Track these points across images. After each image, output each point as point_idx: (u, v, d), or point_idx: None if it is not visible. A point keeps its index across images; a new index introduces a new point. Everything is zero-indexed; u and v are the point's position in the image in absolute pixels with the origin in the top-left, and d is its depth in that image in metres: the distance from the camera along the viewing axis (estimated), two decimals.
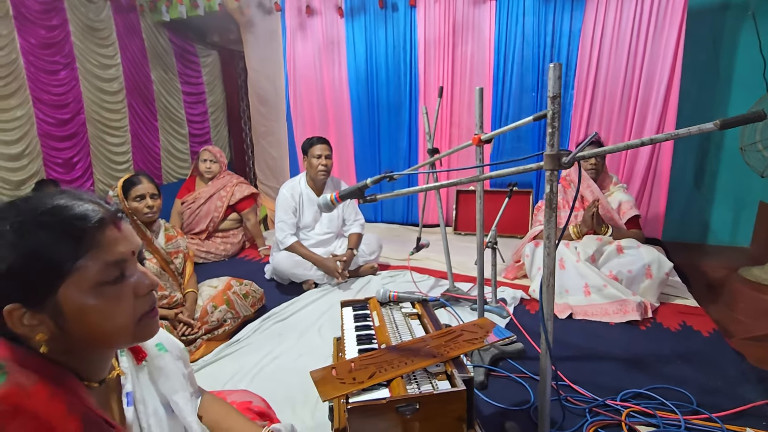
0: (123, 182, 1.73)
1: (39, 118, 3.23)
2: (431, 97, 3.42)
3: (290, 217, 2.46)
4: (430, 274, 2.58)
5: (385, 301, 1.55)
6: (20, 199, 0.59)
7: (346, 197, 1.14)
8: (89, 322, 0.57)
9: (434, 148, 2.07)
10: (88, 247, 0.56)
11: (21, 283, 0.54)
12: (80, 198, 0.60)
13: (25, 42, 3.07)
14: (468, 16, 3.18)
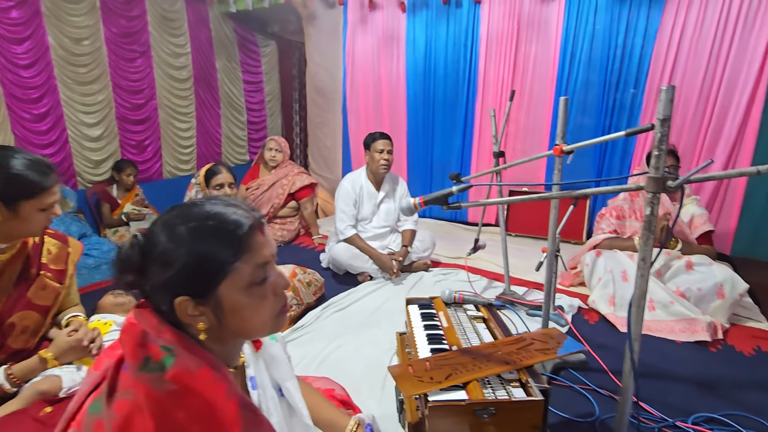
0: (205, 171, 1.85)
1: (117, 102, 3.48)
2: (489, 96, 3.37)
3: (350, 209, 2.53)
4: (484, 275, 2.58)
5: (450, 302, 1.59)
6: (186, 205, 0.66)
7: (431, 203, 1.16)
8: (242, 317, 0.64)
9: (500, 151, 2.06)
10: (243, 251, 0.63)
11: (191, 279, 0.61)
12: (232, 205, 0.67)
13: (108, 31, 3.30)
14: (534, 13, 3.09)
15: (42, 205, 1.08)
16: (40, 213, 1.09)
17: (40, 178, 1.07)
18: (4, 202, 1.04)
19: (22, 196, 1.05)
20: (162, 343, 0.61)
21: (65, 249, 1.31)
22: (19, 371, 1.10)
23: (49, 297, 1.23)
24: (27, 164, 1.06)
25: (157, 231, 0.63)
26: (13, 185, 1.04)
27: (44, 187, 1.07)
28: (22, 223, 1.08)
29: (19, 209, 1.05)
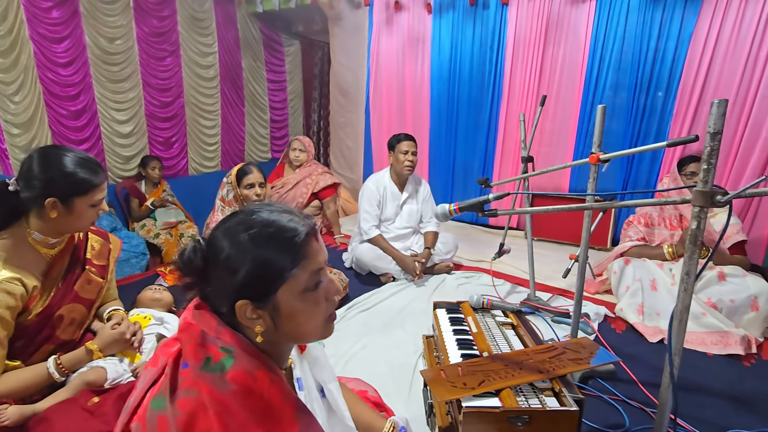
0: (237, 171, 1.89)
1: (146, 100, 3.57)
2: (515, 99, 3.35)
3: (374, 209, 2.55)
4: (507, 279, 2.57)
5: (478, 307, 1.59)
6: (245, 212, 0.68)
7: (466, 210, 1.17)
8: (297, 321, 0.66)
9: (529, 156, 2.04)
10: (301, 258, 0.65)
11: (253, 284, 0.63)
12: (287, 212, 0.69)
13: (140, 31, 3.38)
14: (563, 15, 3.05)
15: (93, 202, 1.13)
16: (91, 209, 1.14)
17: (91, 176, 1.11)
18: (60, 199, 1.08)
19: (75, 193, 1.09)
20: (221, 344, 0.64)
21: (107, 245, 1.36)
22: (68, 361, 1.15)
23: (94, 291, 1.28)
24: (79, 162, 1.10)
25: (220, 238, 0.65)
26: (68, 183, 1.09)
27: (95, 184, 1.12)
28: (75, 219, 1.12)
29: (74, 206, 1.10)
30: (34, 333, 1.14)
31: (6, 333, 1.05)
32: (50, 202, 1.08)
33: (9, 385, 1.05)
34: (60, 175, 1.08)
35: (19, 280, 1.07)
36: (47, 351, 1.17)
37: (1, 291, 1.02)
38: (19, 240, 1.11)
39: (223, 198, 1.90)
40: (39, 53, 2.86)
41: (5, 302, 1.03)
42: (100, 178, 1.13)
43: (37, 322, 1.13)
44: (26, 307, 1.10)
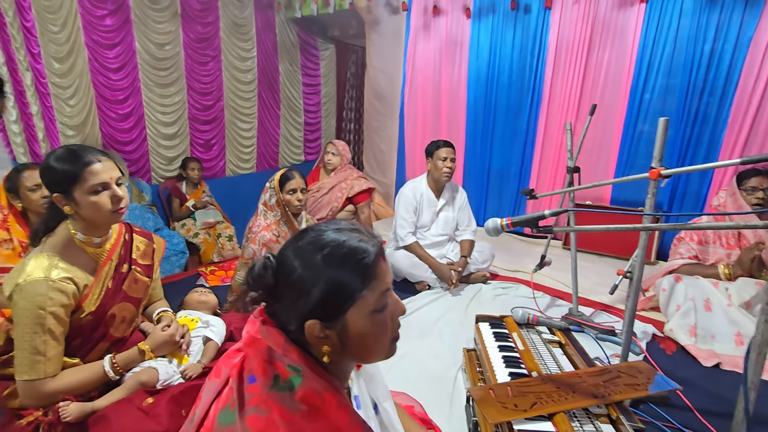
0: (280, 176, 1.91)
1: (190, 103, 3.69)
2: (555, 105, 3.25)
3: (411, 216, 2.53)
4: (546, 291, 2.49)
5: (522, 323, 1.54)
6: (314, 231, 0.68)
7: (520, 225, 1.13)
8: (364, 342, 0.65)
9: (576, 166, 1.97)
10: (371, 279, 0.64)
11: (323, 305, 0.63)
12: (356, 230, 0.68)
13: (186, 37, 3.51)
14: (610, 19, 2.94)
15: (88, 189, 1.09)
16: (93, 196, 1.10)
17: (69, 165, 1.08)
18: (62, 193, 1.10)
19: (65, 184, 1.09)
20: (289, 362, 0.64)
21: (151, 245, 1.40)
22: (122, 361, 1.19)
23: (141, 290, 1.32)
24: (57, 156, 1.10)
25: (291, 257, 0.65)
26: (54, 178, 1.09)
27: (75, 172, 1.08)
28: (87, 210, 1.11)
29: (75, 197, 1.10)
30: (90, 331, 1.18)
31: (62, 330, 1.09)
32: (57, 198, 1.10)
33: (69, 381, 1.09)
34: (46, 172, 1.10)
35: (70, 279, 1.11)
36: (102, 349, 1.22)
37: (55, 290, 1.06)
38: (69, 241, 1.15)
39: (265, 202, 1.93)
40: (93, 59, 3.00)
41: (59, 300, 1.07)
42: (78, 165, 1.08)
43: (92, 320, 1.17)
44: (79, 306, 1.14)
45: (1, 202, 1.75)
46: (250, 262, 1.87)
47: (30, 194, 1.70)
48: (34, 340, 1.03)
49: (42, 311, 1.03)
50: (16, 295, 1.04)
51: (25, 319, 1.03)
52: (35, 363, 1.03)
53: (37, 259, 1.08)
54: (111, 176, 1.13)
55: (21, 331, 1.04)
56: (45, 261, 1.08)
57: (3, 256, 1.67)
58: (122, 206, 1.16)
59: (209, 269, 2.64)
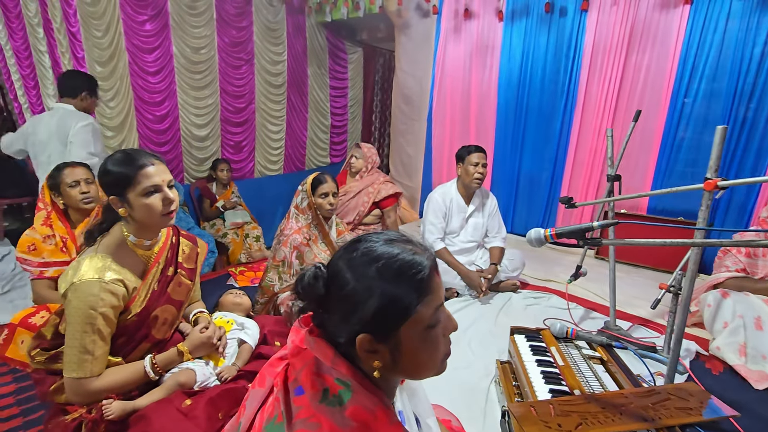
0: (312, 180, 1.91)
1: (222, 106, 3.77)
2: (590, 109, 3.16)
3: (440, 221, 2.50)
4: (579, 302, 2.41)
5: (560, 336, 1.49)
6: (365, 242, 0.66)
7: (565, 236, 1.09)
8: (417, 358, 0.63)
9: (617, 174, 1.90)
10: (425, 294, 0.62)
11: (377, 319, 0.61)
12: (408, 242, 0.66)
13: (221, 41, 3.58)
14: (651, 21, 2.83)
15: (141, 191, 1.12)
16: (146, 198, 1.13)
17: (124, 168, 1.12)
18: (117, 196, 1.13)
19: (120, 188, 1.12)
20: (337, 376, 0.62)
21: (195, 249, 1.42)
22: (161, 361, 1.21)
23: (183, 293, 1.34)
24: (114, 160, 1.13)
25: (344, 269, 0.64)
26: (112, 180, 1.12)
27: (129, 175, 1.11)
28: (140, 212, 1.14)
29: (129, 200, 1.13)
30: (133, 331, 1.20)
31: (109, 331, 1.12)
32: (113, 201, 1.14)
33: (112, 380, 1.11)
34: (103, 175, 1.13)
35: (121, 281, 1.13)
36: (144, 349, 1.24)
37: (107, 291, 1.09)
38: (121, 242, 1.18)
39: (297, 205, 1.94)
40: (133, 62, 3.11)
41: (109, 302, 1.10)
42: (132, 168, 1.11)
43: (137, 321, 1.19)
44: (127, 307, 1.17)
45: (45, 199, 1.82)
46: (280, 264, 1.89)
47: (70, 191, 1.76)
48: (84, 339, 1.06)
49: (93, 311, 1.06)
50: (71, 293, 1.07)
51: (77, 318, 1.06)
52: (83, 361, 1.06)
53: (91, 260, 1.11)
54: (163, 179, 1.16)
55: (72, 329, 1.07)
56: (99, 262, 1.11)
57: (47, 251, 1.74)
58: (173, 209, 1.18)
59: (239, 269, 2.68)
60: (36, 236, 1.72)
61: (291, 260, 1.85)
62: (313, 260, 1.91)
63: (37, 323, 1.53)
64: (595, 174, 3.22)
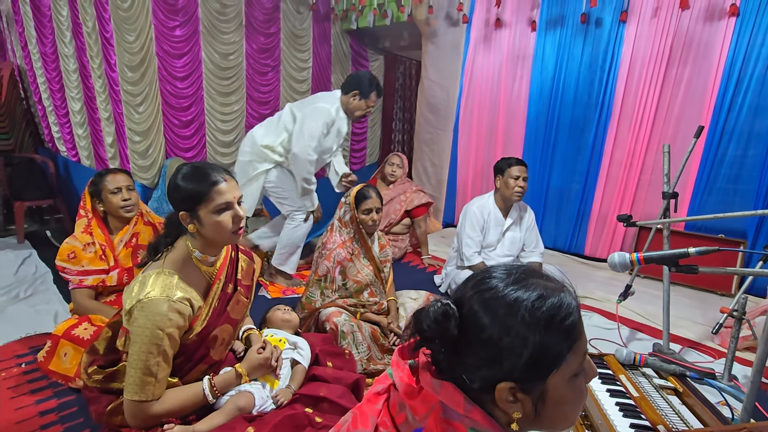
0: (356, 193, 1.86)
1: (248, 112, 3.74)
2: (625, 123, 3.09)
3: (477, 235, 2.43)
4: (623, 322, 2.32)
5: (627, 363, 1.41)
6: (498, 278, 0.59)
7: (656, 262, 1.02)
8: (562, 410, 0.57)
9: (674, 192, 1.82)
10: (575, 340, 0.56)
11: (524, 369, 0.55)
12: (544, 278, 0.60)
13: (249, 47, 3.57)
14: (694, 33, 2.77)
15: (212, 208, 1.08)
16: (218, 215, 1.09)
17: (196, 185, 1.08)
18: (188, 212, 1.09)
19: (192, 204, 1.08)
20: (472, 425, 0.56)
21: (252, 265, 1.37)
22: (220, 384, 1.15)
23: (241, 311, 1.28)
24: (185, 176, 1.09)
25: (479, 311, 0.57)
26: (184, 196, 1.08)
27: (202, 191, 1.07)
28: (210, 229, 1.10)
29: (200, 217, 1.09)
30: (192, 351, 1.15)
31: (173, 352, 1.06)
32: (183, 216, 1.10)
33: (172, 404, 1.06)
34: (174, 191, 1.09)
35: (188, 300, 1.08)
36: (201, 370, 1.18)
37: (174, 311, 1.04)
38: (186, 258, 1.13)
39: (340, 218, 1.88)
40: (162, 68, 3.09)
41: (176, 321, 1.04)
42: (205, 185, 1.08)
43: (197, 341, 1.14)
44: (190, 327, 1.11)
45: (86, 206, 1.78)
46: (322, 279, 1.83)
47: (111, 197, 1.72)
48: (149, 360, 1.00)
49: (160, 332, 1.01)
50: (137, 311, 1.01)
51: (143, 338, 1.00)
52: (146, 384, 1.00)
53: (158, 276, 1.06)
54: (234, 195, 1.12)
55: (137, 349, 1.01)
56: (167, 279, 1.06)
57: (87, 259, 1.69)
58: (241, 226, 1.14)
59: (269, 280, 2.62)
60: (76, 244, 1.67)
61: (334, 275, 1.79)
62: (356, 276, 1.85)
63: (80, 335, 1.48)
64: (629, 188, 3.14)
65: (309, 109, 2.47)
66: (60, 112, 3.85)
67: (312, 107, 2.48)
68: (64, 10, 3.19)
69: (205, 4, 3.19)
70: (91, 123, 3.41)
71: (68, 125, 3.79)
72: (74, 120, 3.63)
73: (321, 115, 2.43)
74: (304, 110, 2.49)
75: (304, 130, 2.41)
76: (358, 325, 1.71)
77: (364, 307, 1.86)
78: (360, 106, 2.53)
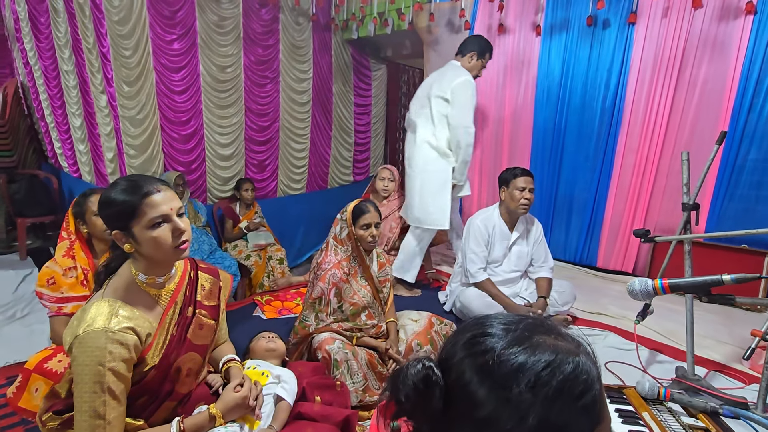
0: (353, 208, 1.75)
1: (247, 124, 3.68)
2: (635, 128, 2.95)
3: (482, 250, 2.30)
4: (641, 342, 2.16)
5: (650, 398, 1.27)
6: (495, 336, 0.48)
7: (684, 290, 0.89)
8: None
9: (695, 203, 1.68)
10: (598, 421, 0.44)
11: None
12: (560, 336, 0.48)
13: (246, 59, 3.52)
14: (709, 33, 2.63)
15: (146, 223, 0.98)
16: (151, 230, 0.98)
17: (128, 197, 0.98)
18: (121, 230, 0.99)
19: (124, 219, 0.98)
20: None
21: (217, 284, 1.25)
22: (191, 427, 1.04)
23: (207, 336, 1.17)
24: (117, 191, 0.99)
25: (473, 381, 0.45)
26: (114, 212, 0.99)
27: (133, 204, 0.97)
28: (147, 247, 1.00)
29: (135, 233, 0.99)
30: (155, 388, 1.04)
31: (123, 388, 0.95)
32: (116, 235, 1.00)
33: None
34: (103, 206, 1.00)
35: (131, 329, 0.97)
36: (169, 408, 1.08)
37: (115, 342, 0.93)
38: (131, 283, 1.03)
39: (336, 236, 1.77)
40: (160, 82, 3.04)
41: (119, 354, 0.94)
42: (136, 198, 0.97)
43: (157, 375, 1.03)
44: (142, 358, 1.01)
45: (69, 227, 1.70)
46: (317, 302, 1.71)
47: (95, 219, 1.64)
48: (94, 401, 0.90)
49: (101, 367, 0.90)
50: (75, 348, 0.91)
51: (84, 377, 0.90)
52: (95, 428, 0.90)
53: (98, 306, 0.96)
54: (171, 207, 1.00)
55: (80, 390, 0.91)
56: (105, 308, 0.96)
57: (67, 284, 1.60)
58: (184, 239, 1.02)
59: (265, 299, 2.52)
60: (56, 269, 1.59)
61: (329, 297, 1.68)
62: (353, 297, 1.73)
63: (53, 368, 1.38)
64: (643, 197, 2.99)
65: (456, 84, 2.56)
66: (61, 128, 3.84)
67: (458, 82, 2.56)
68: (62, 27, 3.18)
69: (203, 16, 3.15)
70: (92, 139, 3.37)
71: (69, 141, 3.77)
72: (75, 136, 3.61)
73: (469, 85, 2.57)
74: (452, 86, 2.57)
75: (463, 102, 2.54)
76: (353, 352, 1.59)
77: (362, 330, 1.74)
78: (477, 65, 2.70)
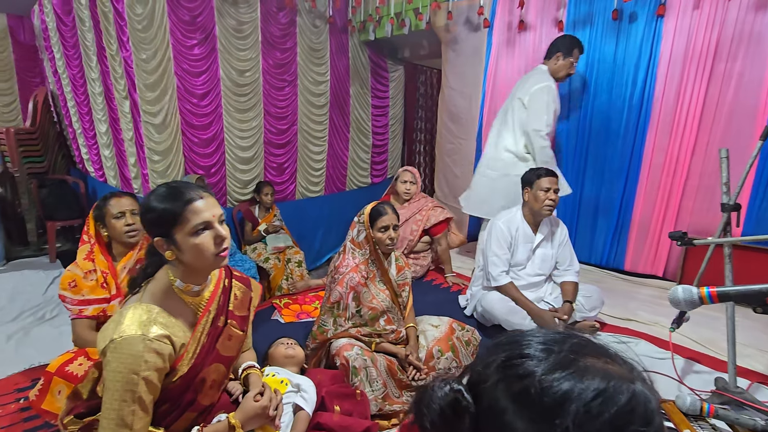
0: (371, 210, 1.72)
1: (266, 128, 3.70)
2: (665, 126, 2.82)
3: (505, 253, 2.23)
4: (675, 350, 2.05)
5: (692, 414, 1.18)
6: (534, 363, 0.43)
7: (735, 300, 0.82)
8: None
9: (736, 203, 1.58)
10: None
11: None
12: (602, 354, 0.43)
13: (265, 63, 3.54)
14: (743, 25, 2.49)
15: (188, 230, 0.97)
16: (194, 237, 0.98)
17: (169, 204, 0.97)
18: (163, 237, 0.98)
19: (166, 226, 0.97)
20: None
21: (248, 294, 1.24)
22: None
23: (234, 347, 1.16)
24: (159, 197, 0.99)
25: (508, 409, 0.41)
26: (156, 219, 0.98)
27: (175, 211, 0.97)
28: (189, 254, 0.99)
29: (177, 241, 0.98)
30: (177, 397, 1.03)
31: (152, 398, 0.94)
32: (158, 242, 0.99)
33: None
34: (146, 213, 0.99)
35: (168, 338, 0.96)
36: (189, 419, 1.06)
37: (151, 351, 0.92)
38: (167, 289, 1.02)
39: (353, 239, 1.74)
40: (181, 87, 3.08)
41: (154, 363, 0.92)
42: (178, 204, 0.97)
43: (182, 385, 1.02)
44: (173, 368, 0.99)
45: (89, 231, 1.73)
46: (335, 306, 1.68)
47: (114, 222, 1.66)
48: (123, 409, 0.89)
49: (135, 376, 0.89)
50: (110, 352, 0.90)
51: (116, 384, 0.89)
52: None
53: (135, 311, 0.95)
54: (213, 214, 1.00)
55: (110, 396, 0.90)
56: (144, 314, 0.95)
57: (87, 287, 1.62)
58: (225, 247, 1.01)
59: (283, 302, 2.51)
60: (77, 272, 1.61)
61: (347, 302, 1.65)
62: (371, 302, 1.69)
63: (74, 372, 1.40)
64: (674, 197, 2.85)
65: (535, 89, 2.63)
66: (88, 134, 3.95)
67: (537, 87, 2.63)
68: (89, 35, 3.27)
69: (221, 21, 3.19)
70: (116, 144, 3.45)
71: (95, 147, 3.87)
72: (101, 141, 3.70)
73: (547, 91, 2.62)
74: (531, 91, 2.64)
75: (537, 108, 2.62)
76: (372, 359, 1.55)
77: (380, 336, 1.70)
78: (565, 65, 2.67)
